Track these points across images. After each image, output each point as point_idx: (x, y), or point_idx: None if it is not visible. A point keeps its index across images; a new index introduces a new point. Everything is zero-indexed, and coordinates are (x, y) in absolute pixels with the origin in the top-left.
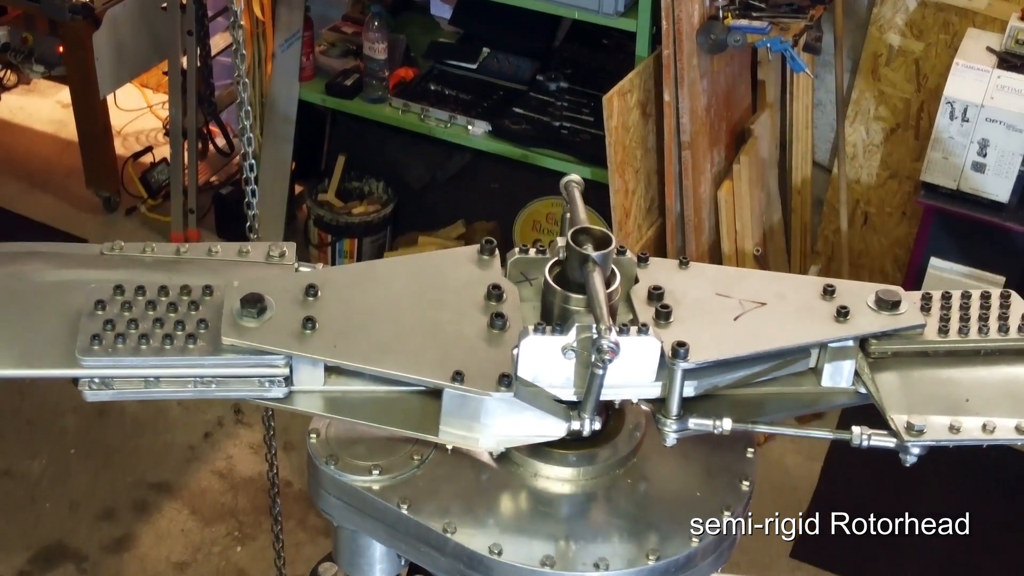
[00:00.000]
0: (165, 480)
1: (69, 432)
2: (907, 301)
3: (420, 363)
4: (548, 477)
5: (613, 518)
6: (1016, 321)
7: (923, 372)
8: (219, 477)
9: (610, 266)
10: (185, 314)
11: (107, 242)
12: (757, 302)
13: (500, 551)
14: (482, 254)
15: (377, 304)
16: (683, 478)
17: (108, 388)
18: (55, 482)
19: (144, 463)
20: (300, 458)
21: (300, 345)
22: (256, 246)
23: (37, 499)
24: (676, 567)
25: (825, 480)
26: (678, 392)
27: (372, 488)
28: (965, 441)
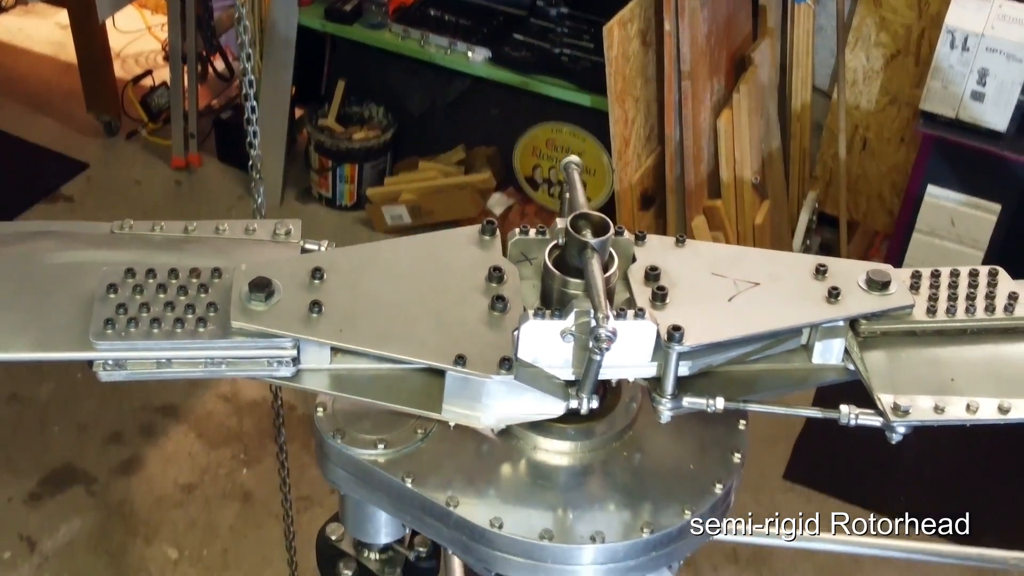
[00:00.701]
0: (171, 404)
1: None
2: (896, 281)
3: (423, 347)
4: (547, 450)
5: (609, 491)
6: (1002, 300)
7: (910, 352)
8: (224, 401)
9: (608, 251)
10: (195, 297)
11: (117, 220)
12: (751, 282)
13: (501, 525)
14: (483, 234)
15: (381, 287)
16: (677, 451)
17: (122, 369)
18: (63, 406)
19: (150, 387)
20: None
21: (307, 329)
22: (263, 224)
23: (46, 423)
24: (668, 539)
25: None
26: (673, 373)
27: (377, 462)
28: (949, 421)
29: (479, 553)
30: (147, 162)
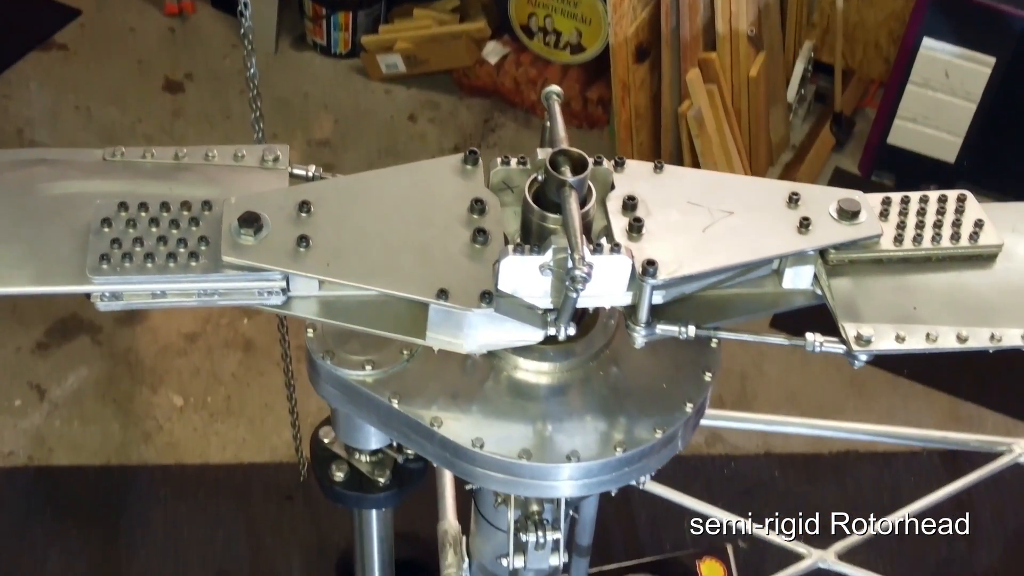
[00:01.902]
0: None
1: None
2: (866, 210)
3: (407, 281)
4: (527, 370)
5: (586, 411)
6: (968, 228)
7: (876, 280)
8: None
9: (586, 188)
10: (186, 230)
11: (108, 147)
12: (726, 211)
13: (482, 444)
14: (466, 164)
15: (366, 220)
16: (651, 370)
17: (118, 300)
18: None
19: None
20: None
21: (295, 263)
22: (251, 150)
23: None
24: (640, 456)
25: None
26: (647, 303)
27: (365, 382)
28: (910, 350)
29: (462, 469)
30: (140, 9)
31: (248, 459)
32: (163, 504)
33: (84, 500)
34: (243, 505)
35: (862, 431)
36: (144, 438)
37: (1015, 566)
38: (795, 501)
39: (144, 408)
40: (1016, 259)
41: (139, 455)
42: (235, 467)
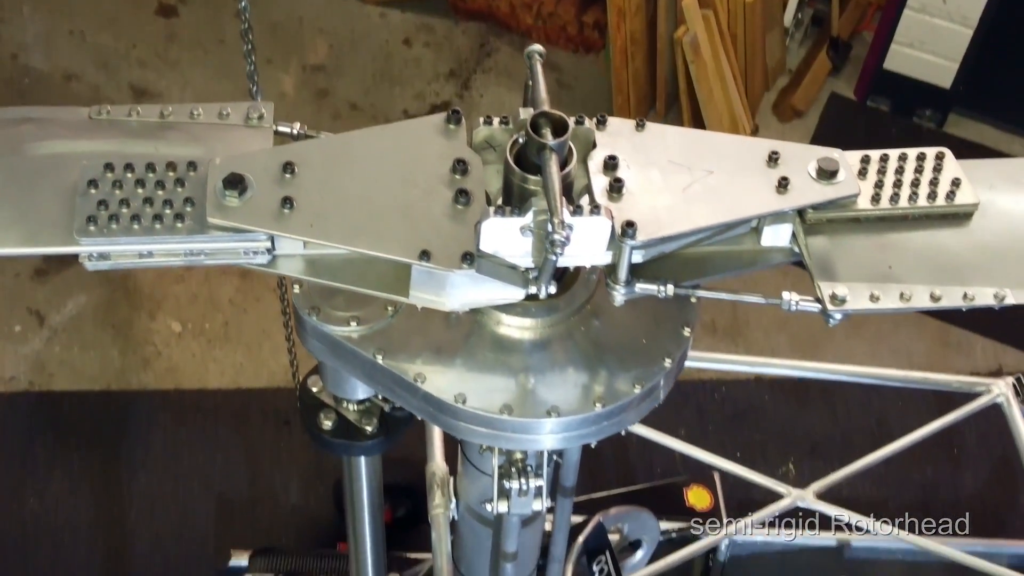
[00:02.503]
0: None
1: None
2: (845, 169)
3: (390, 242)
4: (510, 326)
5: (567, 366)
6: (945, 187)
7: (853, 238)
8: None
9: (566, 150)
10: (172, 192)
11: (95, 105)
12: (706, 170)
13: (464, 400)
14: (448, 124)
15: (350, 180)
16: (631, 325)
17: (106, 259)
18: None
19: None
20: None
21: (279, 224)
22: (235, 108)
23: None
24: (619, 410)
25: None
26: (627, 263)
27: (350, 337)
28: (883, 310)
29: (445, 422)
30: None
31: (246, 384)
32: (163, 428)
33: (85, 424)
34: (241, 429)
35: (845, 372)
36: (143, 364)
37: (1000, 489)
38: (784, 425)
39: (143, 334)
40: (992, 218)
41: (138, 380)
42: (233, 392)
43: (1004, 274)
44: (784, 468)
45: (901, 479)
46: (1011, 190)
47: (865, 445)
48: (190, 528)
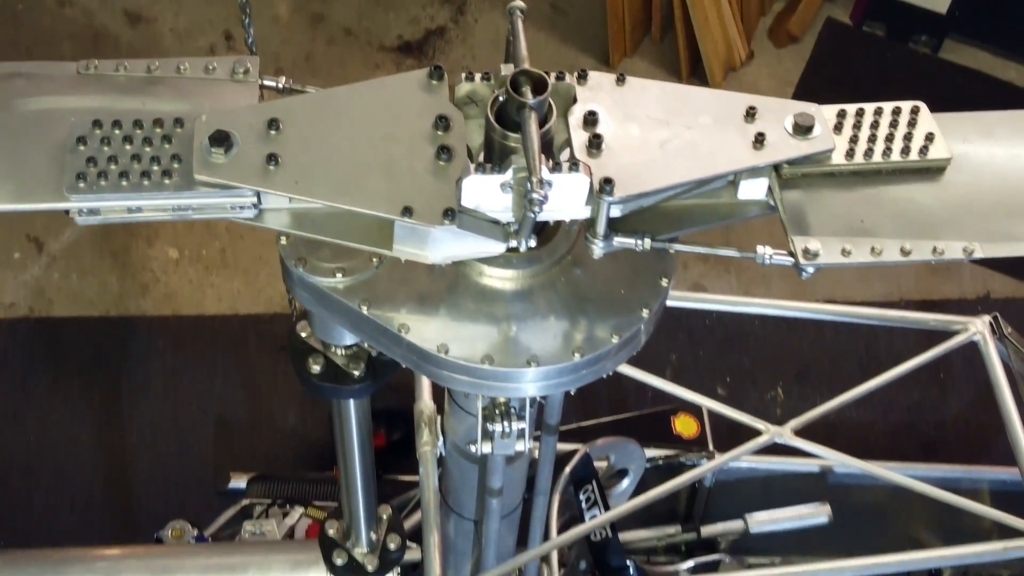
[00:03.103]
0: None
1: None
2: (820, 124)
3: (373, 198)
4: (492, 276)
5: (547, 317)
6: (919, 141)
7: (827, 193)
8: None
9: (546, 107)
10: (159, 148)
11: (82, 60)
12: (684, 126)
13: (447, 350)
14: (431, 79)
15: (334, 137)
16: (611, 275)
17: (96, 215)
18: None
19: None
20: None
21: (264, 181)
22: (221, 62)
23: None
24: (598, 359)
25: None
26: (605, 218)
27: (336, 288)
28: (855, 264)
29: (429, 371)
30: None
31: (244, 310)
32: (162, 354)
33: (85, 350)
34: (239, 355)
35: (824, 311)
36: (141, 290)
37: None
38: (774, 350)
39: (141, 260)
40: (965, 172)
41: (137, 306)
42: (231, 318)
43: (973, 227)
44: (773, 392)
45: (887, 403)
46: (984, 144)
47: (853, 370)
48: (190, 451)
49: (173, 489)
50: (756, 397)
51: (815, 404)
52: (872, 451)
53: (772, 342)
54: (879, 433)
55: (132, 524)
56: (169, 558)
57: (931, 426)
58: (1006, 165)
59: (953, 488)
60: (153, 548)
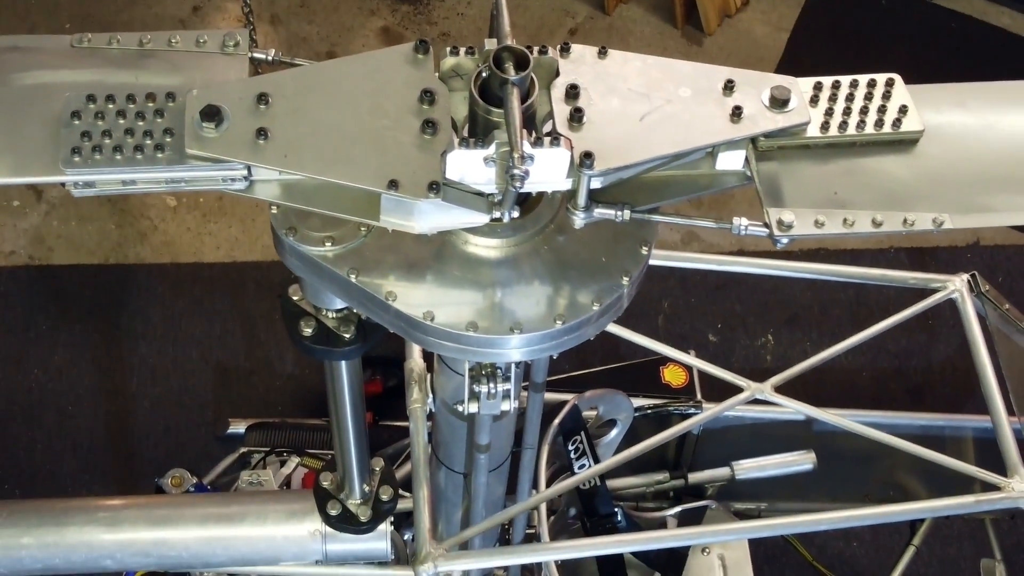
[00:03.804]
0: None
1: (63, 5)
2: (796, 97)
3: (359, 172)
4: (477, 245)
5: (530, 285)
6: (892, 114)
7: (802, 165)
8: None
9: (528, 83)
10: (152, 122)
11: (77, 33)
12: (664, 99)
13: (433, 317)
14: (417, 53)
15: (322, 110)
16: (592, 243)
17: (92, 187)
18: None
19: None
20: (288, 31)
21: (254, 155)
22: (212, 35)
23: None
24: (578, 326)
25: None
26: (585, 190)
27: (326, 256)
28: (827, 235)
29: (416, 337)
30: None
31: (241, 258)
32: (161, 300)
33: (85, 297)
34: (237, 302)
35: (806, 269)
36: (140, 237)
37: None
38: (765, 296)
39: (139, 208)
40: (937, 143)
41: (136, 254)
42: (229, 265)
43: (944, 199)
44: (763, 339)
45: (876, 348)
46: (958, 116)
47: (843, 316)
48: (190, 395)
49: (173, 433)
50: (747, 343)
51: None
52: (860, 396)
53: (763, 289)
54: (867, 379)
55: (134, 468)
56: (168, 508)
57: (919, 371)
58: (979, 136)
59: (937, 436)
60: (153, 498)
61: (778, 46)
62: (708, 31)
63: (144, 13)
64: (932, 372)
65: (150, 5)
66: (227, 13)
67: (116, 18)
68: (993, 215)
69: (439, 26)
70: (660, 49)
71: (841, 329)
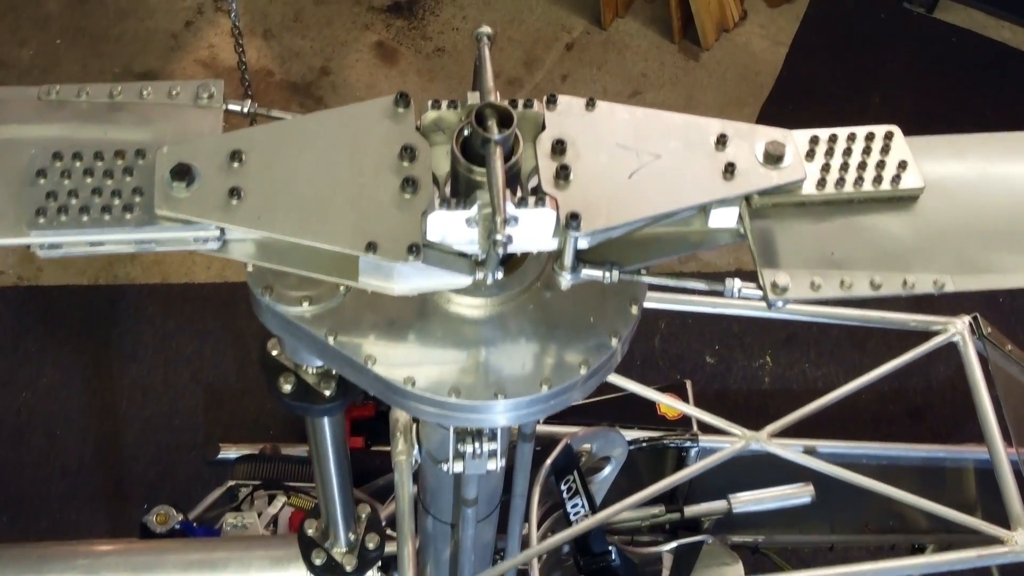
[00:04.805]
0: (151, 69)
1: (53, 19)
2: (792, 151)
3: (337, 233)
4: (460, 304)
5: (515, 347)
6: (891, 170)
7: (798, 223)
8: (203, 66)
9: (512, 141)
10: (120, 181)
11: (44, 85)
12: (653, 154)
13: (413, 383)
14: (397, 106)
15: (298, 168)
16: (580, 301)
17: (58, 249)
18: (45, 72)
19: (129, 51)
20: (281, 45)
21: (227, 216)
22: (185, 86)
23: None
24: (565, 391)
25: (790, 63)
26: (572, 251)
27: (303, 317)
28: (824, 298)
29: (397, 401)
30: None
31: (232, 277)
32: (151, 321)
33: (75, 318)
34: (229, 322)
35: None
36: (130, 257)
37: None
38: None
39: None
40: (938, 200)
41: (126, 274)
42: (220, 285)
43: (945, 259)
44: (762, 360)
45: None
46: (959, 169)
47: (841, 336)
48: (180, 417)
49: (164, 456)
50: (744, 364)
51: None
52: (859, 418)
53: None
54: (866, 400)
55: (123, 491)
56: (150, 554)
57: (919, 392)
58: (980, 191)
59: (938, 467)
60: (134, 543)
61: (776, 60)
62: (705, 46)
63: (136, 26)
64: (932, 392)
65: (142, 19)
66: (220, 27)
67: (107, 32)
68: (997, 276)
69: (434, 41)
70: (657, 63)
71: (839, 349)
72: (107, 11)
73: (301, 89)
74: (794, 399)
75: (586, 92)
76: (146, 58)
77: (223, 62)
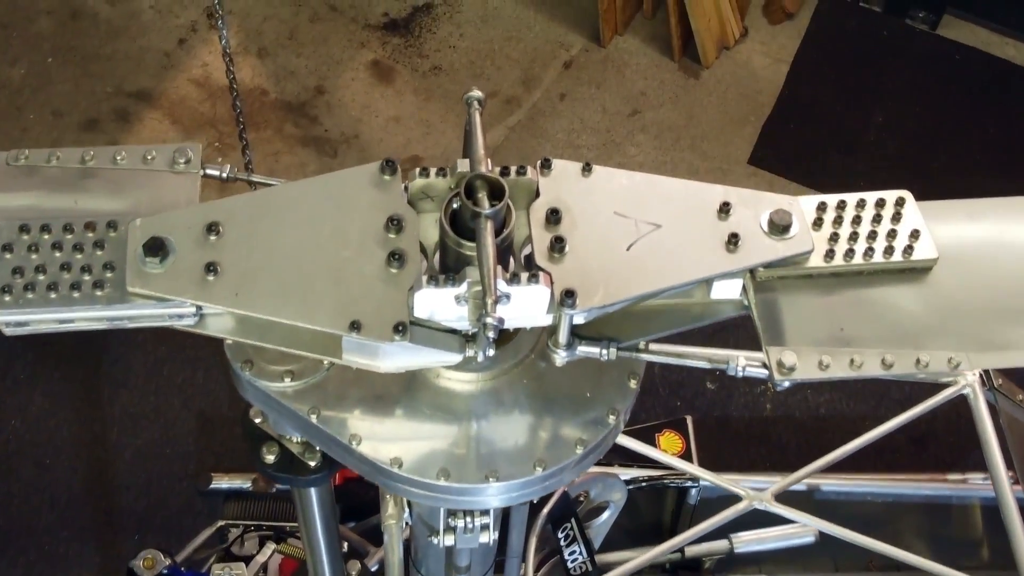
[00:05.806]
0: (144, 88)
1: (45, 37)
2: (799, 220)
3: (319, 311)
4: (450, 379)
5: (507, 425)
6: (903, 240)
7: (805, 297)
8: (196, 86)
9: (502, 215)
10: (91, 255)
11: (13, 150)
12: (653, 224)
13: (400, 464)
14: (383, 174)
15: (278, 240)
16: (577, 375)
17: (25, 326)
18: (37, 91)
19: (121, 70)
20: (275, 64)
21: (202, 293)
22: (160, 150)
23: (21, 109)
24: (559, 472)
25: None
26: (567, 328)
27: (285, 393)
28: (832, 378)
29: (384, 483)
30: None
31: None
32: (142, 347)
33: (64, 344)
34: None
35: None
36: None
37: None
38: None
39: None
40: (952, 270)
41: None
42: None
43: (960, 335)
44: (763, 386)
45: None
46: (974, 237)
47: None
48: (172, 446)
49: (155, 486)
50: (745, 391)
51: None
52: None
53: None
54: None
55: (113, 522)
56: None
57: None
58: (996, 260)
59: (944, 504)
60: None
61: (778, 79)
62: (706, 64)
63: (128, 46)
64: (936, 420)
65: (134, 38)
66: (213, 45)
67: (99, 51)
68: (1015, 353)
69: (430, 59)
70: (657, 81)
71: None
72: (99, 30)
73: (295, 108)
74: (796, 426)
75: (585, 111)
76: (138, 77)
77: (216, 81)
